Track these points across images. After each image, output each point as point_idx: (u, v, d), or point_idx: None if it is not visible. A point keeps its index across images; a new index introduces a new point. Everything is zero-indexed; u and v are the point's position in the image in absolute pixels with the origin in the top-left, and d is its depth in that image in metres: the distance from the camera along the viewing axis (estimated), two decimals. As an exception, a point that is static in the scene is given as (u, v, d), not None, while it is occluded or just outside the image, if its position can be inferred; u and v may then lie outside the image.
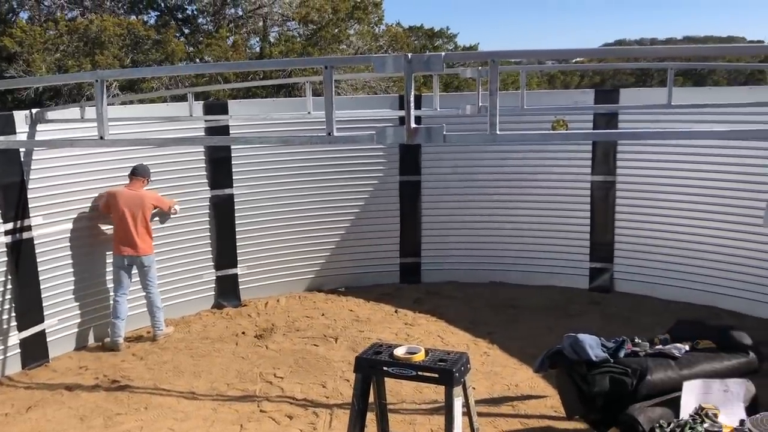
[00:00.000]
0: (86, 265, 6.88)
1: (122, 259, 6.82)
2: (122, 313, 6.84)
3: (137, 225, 6.79)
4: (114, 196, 6.80)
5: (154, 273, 7.01)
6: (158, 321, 7.05)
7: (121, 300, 6.85)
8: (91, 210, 6.87)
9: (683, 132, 3.80)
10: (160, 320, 7.07)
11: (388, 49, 17.21)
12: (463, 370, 3.77)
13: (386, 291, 8.49)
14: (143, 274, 6.94)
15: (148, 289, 6.98)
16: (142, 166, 6.95)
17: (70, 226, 6.72)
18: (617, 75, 32.51)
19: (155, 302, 7.01)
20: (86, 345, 6.95)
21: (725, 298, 7.46)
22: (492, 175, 8.54)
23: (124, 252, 6.79)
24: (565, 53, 4.36)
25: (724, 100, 7.17)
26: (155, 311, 7.02)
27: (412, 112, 2.92)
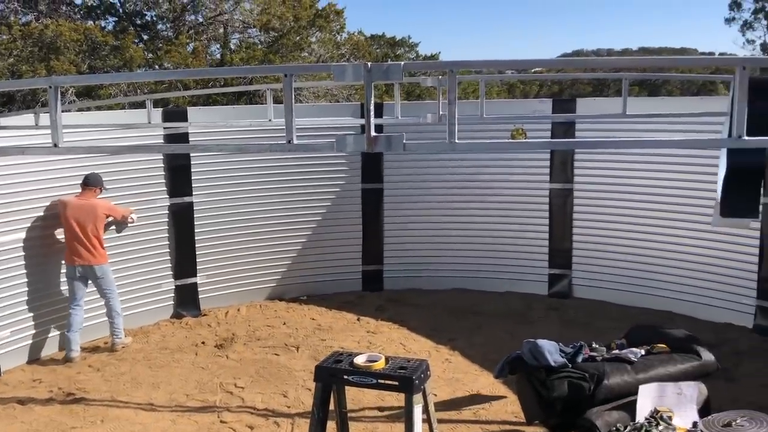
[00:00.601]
0: (40, 275, 6.72)
1: (74, 269, 6.68)
2: (76, 325, 6.68)
3: (88, 235, 6.65)
4: (63, 206, 6.66)
5: (110, 281, 6.88)
6: (117, 328, 6.93)
7: (75, 312, 6.69)
8: (44, 219, 6.71)
9: (637, 141, 3.90)
10: (119, 327, 6.94)
11: (350, 57, 17.25)
12: (423, 377, 3.78)
13: (348, 299, 8.48)
14: (98, 285, 6.82)
15: (107, 296, 6.86)
16: (94, 175, 6.81)
17: (23, 236, 6.56)
18: (575, 85, 33.13)
19: (114, 307, 6.89)
20: (39, 357, 6.77)
21: (679, 302, 7.64)
22: (454, 183, 8.62)
23: (77, 262, 6.65)
24: (522, 63, 4.43)
25: (677, 109, 7.36)
26: (114, 317, 6.90)
27: (372, 121, 2.93)
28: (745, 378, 5.97)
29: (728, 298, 7.31)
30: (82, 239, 6.63)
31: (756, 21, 21.58)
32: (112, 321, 6.91)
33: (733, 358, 6.37)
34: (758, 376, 6.01)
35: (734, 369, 6.12)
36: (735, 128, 2.86)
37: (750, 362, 6.32)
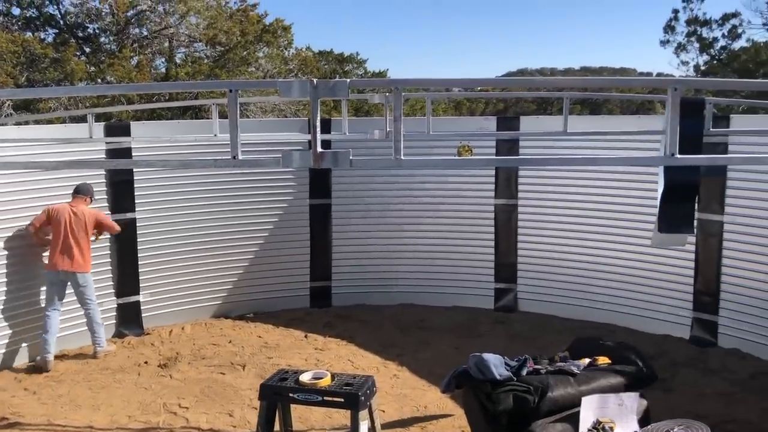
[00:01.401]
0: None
1: (57, 274, 6.77)
2: (53, 328, 6.74)
3: (78, 242, 6.81)
4: (56, 212, 6.80)
5: (91, 291, 6.98)
6: (99, 337, 7.01)
7: (52, 315, 6.76)
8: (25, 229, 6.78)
9: (577, 158, 4.03)
10: (101, 336, 7.04)
11: (298, 72, 17.26)
12: (369, 394, 3.79)
13: (296, 316, 8.41)
14: (80, 293, 6.90)
15: (87, 306, 6.95)
16: (85, 185, 7.01)
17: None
18: (519, 102, 33.85)
19: (95, 318, 6.99)
20: (-28, 381, 6.48)
21: (620, 315, 7.85)
22: (401, 199, 8.68)
23: (60, 267, 6.74)
24: (466, 82, 4.52)
25: (616, 128, 7.62)
26: (96, 327, 6.99)
27: (319, 137, 2.94)
28: (682, 388, 6.17)
29: (666, 310, 7.55)
30: (72, 246, 6.77)
31: (689, 43, 22.48)
32: (93, 331, 7.00)
33: (671, 368, 6.57)
34: (694, 386, 6.21)
35: (672, 379, 6.32)
36: (668, 146, 2.97)
37: (687, 372, 6.53)
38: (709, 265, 7.16)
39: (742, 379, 6.35)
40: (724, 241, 7.03)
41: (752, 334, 6.87)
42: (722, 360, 6.80)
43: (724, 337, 7.11)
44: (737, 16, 21.71)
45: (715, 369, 6.60)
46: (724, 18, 21.91)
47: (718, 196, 6.99)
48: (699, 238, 7.12)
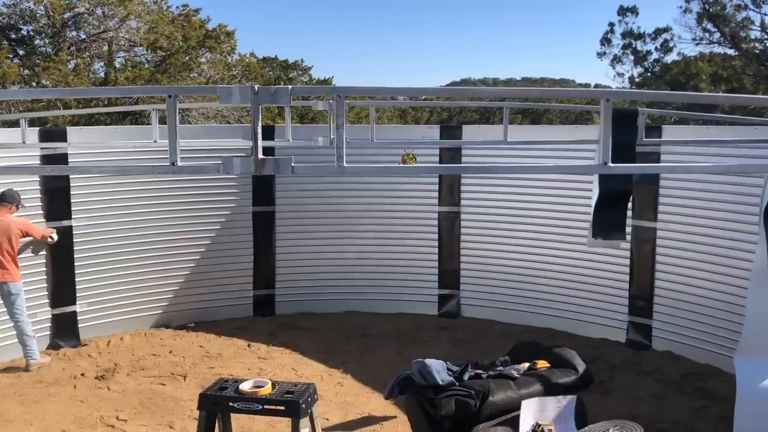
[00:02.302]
0: None
1: None
2: None
3: (2, 251, 6.58)
4: None
5: (21, 302, 6.74)
6: (31, 349, 6.77)
7: None
8: None
9: (516, 167, 4.13)
10: (33, 348, 6.79)
11: (242, 78, 17.11)
12: (310, 401, 3.78)
13: (239, 325, 8.30)
14: (9, 303, 6.67)
15: (16, 317, 6.71)
16: (10, 192, 6.75)
17: None
18: (463, 112, 34.33)
19: (25, 331, 6.74)
20: None
21: (559, 320, 8.04)
22: (346, 206, 8.68)
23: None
24: (409, 91, 4.58)
25: (555, 137, 7.83)
26: (26, 340, 6.75)
27: (260, 143, 2.93)
28: (618, 390, 6.36)
29: (603, 315, 7.77)
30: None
31: (624, 56, 23.27)
32: (24, 344, 6.77)
33: (608, 371, 6.76)
34: (630, 388, 6.41)
35: (609, 382, 6.50)
36: (602, 155, 3.08)
37: (623, 375, 6.73)
38: (643, 270, 7.41)
39: (674, 380, 6.59)
40: (657, 248, 7.29)
41: (684, 336, 7.13)
42: (656, 362, 7.03)
43: (658, 340, 7.36)
44: (669, 31, 22.61)
45: (650, 371, 6.82)
46: (656, 32, 22.78)
47: (651, 204, 7.24)
48: (633, 245, 7.36)
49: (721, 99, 9.73)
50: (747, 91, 20.85)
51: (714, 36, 21.34)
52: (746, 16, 20.95)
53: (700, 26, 21.39)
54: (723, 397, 5.83)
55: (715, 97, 5.70)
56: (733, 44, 21.26)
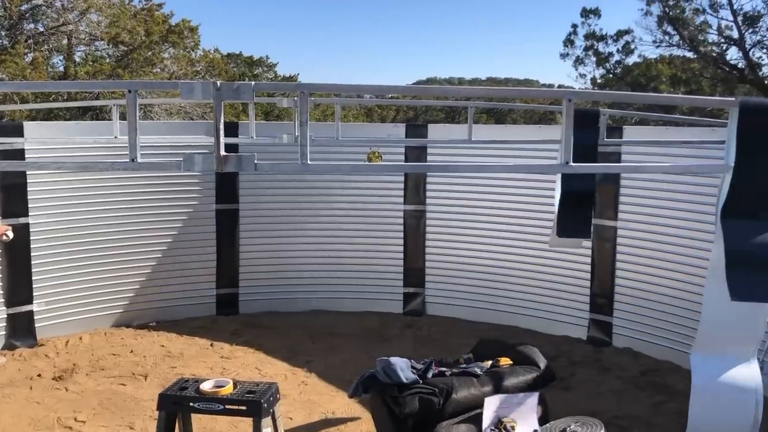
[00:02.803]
0: None
1: None
2: None
3: None
4: None
5: None
6: None
7: None
8: None
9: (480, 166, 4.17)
10: None
11: (206, 74, 16.92)
12: (272, 401, 3.75)
13: (201, 324, 8.20)
14: None
15: None
16: None
17: None
18: (429, 111, 34.47)
19: None
20: None
21: (523, 317, 8.12)
22: (311, 204, 8.64)
23: None
24: (373, 89, 4.57)
25: (518, 137, 7.91)
26: None
27: (222, 140, 2.89)
28: (579, 386, 6.45)
29: (565, 312, 7.88)
30: None
31: (587, 57, 23.61)
32: None
33: (570, 368, 6.86)
34: (591, 384, 6.51)
35: (570, 378, 6.60)
36: (563, 155, 3.12)
37: (584, 371, 6.83)
38: (604, 269, 7.53)
39: (633, 376, 6.71)
40: (617, 246, 7.42)
41: (643, 333, 7.27)
42: (616, 359, 7.15)
43: (618, 337, 7.49)
44: (630, 33, 23.02)
45: (610, 367, 6.94)
46: (618, 34, 23.18)
47: (612, 203, 7.36)
48: (595, 244, 7.47)
49: (678, 100, 9.96)
50: (705, 93, 21.37)
51: (673, 39, 21.82)
52: (704, 20, 21.47)
53: (661, 29, 21.85)
54: (681, 392, 5.96)
55: (673, 98, 5.85)
56: (692, 47, 21.75)
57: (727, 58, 21.90)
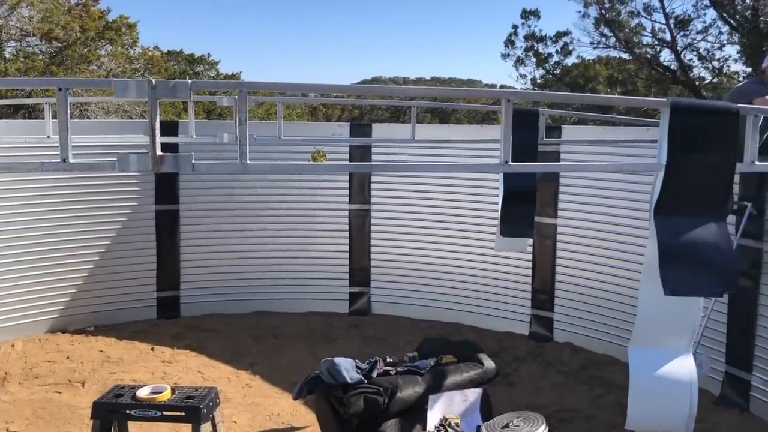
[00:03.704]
0: None
1: None
2: None
3: None
4: None
5: None
6: None
7: None
8: None
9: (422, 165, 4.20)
10: None
11: (145, 72, 16.53)
12: (212, 405, 3.68)
13: (141, 328, 7.99)
14: None
15: None
16: None
17: None
18: (374, 110, 34.50)
19: None
20: None
21: (466, 314, 8.21)
22: (254, 204, 8.52)
23: None
24: (315, 88, 4.54)
25: (461, 136, 7.99)
26: None
27: (158, 139, 2.82)
28: (522, 381, 6.56)
29: (508, 308, 8.00)
30: None
31: (527, 58, 24.05)
32: None
33: (513, 363, 6.97)
34: (533, 379, 6.63)
35: (513, 374, 6.71)
36: (503, 154, 3.15)
37: (526, 367, 6.95)
38: (544, 265, 7.68)
39: (574, 370, 6.87)
40: (557, 243, 7.58)
41: (583, 328, 7.45)
42: (557, 353, 7.31)
43: (559, 332, 7.65)
44: (569, 35, 23.57)
45: (551, 362, 7.08)
46: (557, 35, 23.70)
47: (551, 201, 7.52)
48: (536, 241, 7.61)
49: (614, 101, 10.26)
50: (640, 94, 22.06)
51: (610, 41, 22.43)
52: (639, 22, 22.15)
53: (598, 31, 22.44)
54: (619, 385, 6.12)
55: (609, 98, 6.03)
56: (628, 49, 22.41)
57: (661, 60, 22.68)
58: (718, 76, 22.19)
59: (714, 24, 21.24)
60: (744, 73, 20.94)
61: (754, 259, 5.79)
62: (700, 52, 21.84)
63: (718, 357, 6.10)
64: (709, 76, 22.48)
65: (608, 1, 21.84)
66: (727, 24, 20.97)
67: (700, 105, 3.32)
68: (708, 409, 5.80)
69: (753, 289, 5.82)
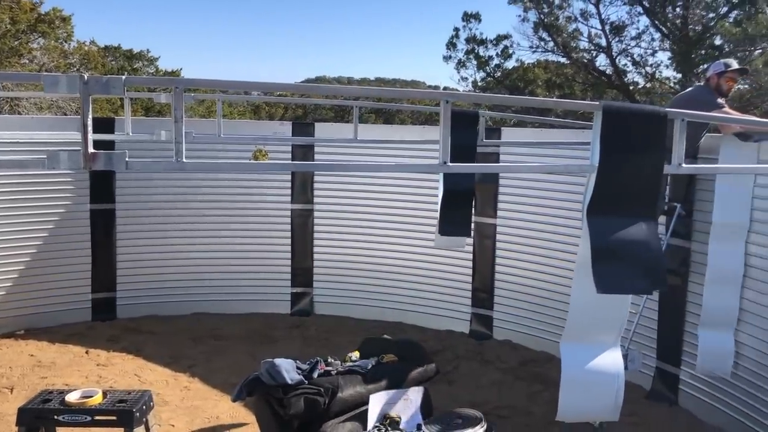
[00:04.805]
0: None
1: None
2: None
3: None
4: None
5: None
6: None
7: None
8: None
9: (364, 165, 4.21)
10: None
11: (81, 67, 16.03)
12: (145, 409, 3.60)
13: (76, 330, 7.75)
14: None
15: None
16: None
17: None
18: (318, 109, 34.32)
19: None
20: None
21: (409, 314, 8.27)
22: (194, 203, 8.38)
23: None
24: (257, 86, 4.48)
25: (403, 137, 8.04)
26: None
27: (90, 136, 2.74)
28: (462, 379, 6.66)
29: (449, 307, 8.10)
30: None
31: (468, 60, 24.33)
32: None
33: (453, 361, 7.06)
34: (473, 377, 6.73)
35: (454, 372, 6.79)
36: (441, 155, 3.19)
37: (467, 364, 7.05)
38: (484, 264, 7.81)
39: (512, 367, 7.01)
40: (497, 242, 7.71)
41: (521, 326, 7.61)
42: (497, 351, 7.44)
43: (498, 330, 7.79)
44: (509, 38, 23.96)
45: (491, 360, 7.20)
46: (498, 39, 24.06)
47: (491, 202, 7.64)
48: (476, 240, 7.73)
49: (549, 103, 10.49)
50: (577, 97, 22.63)
51: (548, 45, 22.92)
52: (576, 27, 22.72)
53: (536, 35, 22.90)
54: (556, 381, 6.20)
55: (544, 101, 6.15)
56: (565, 53, 22.96)
57: (597, 65, 23.32)
58: (650, 81, 22.97)
59: (647, 31, 21.97)
60: (675, 78, 21.75)
61: (683, 257, 6.03)
62: (634, 57, 22.55)
63: (649, 353, 6.33)
64: (643, 81, 23.25)
65: (547, 5, 22.32)
66: (658, 31, 21.72)
67: (631, 109, 3.43)
68: (639, 404, 6.02)
69: (682, 286, 6.06)
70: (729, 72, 5.80)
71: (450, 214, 6.03)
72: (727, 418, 5.62)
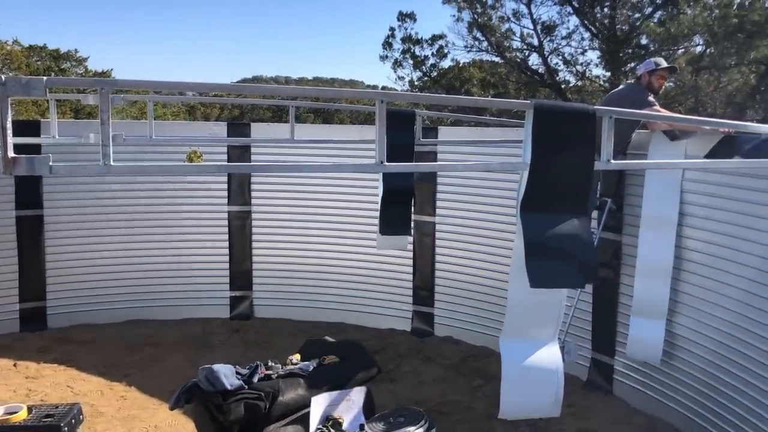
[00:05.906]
0: None
1: None
2: None
3: None
4: None
5: None
6: None
7: None
8: None
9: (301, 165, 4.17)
10: None
11: (3, 68, 15.36)
12: (74, 423, 3.48)
13: (3, 342, 7.40)
14: None
15: None
16: None
17: None
18: (255, 109, 33.91)
19: None
20: None
21: (350, 313, 8.25)
22: (126, 207, 8.13)
23: None
24: (189, 86, 4.36)
25: (342, 137, 8.01)
26: None
27: (10, 140, 2.60)
28: (404, 376, 6.69)
29: (390, 306, 8.12)
30: None
31: (404, 60, 24.51)
32: None
33: (395, 359, 7.09)
34: (415, 374, 6.78)
35: (396, 370, 6.82)
36: (378, 155, 3.19)
37: (408, 362, 7.09)
38: (424, 262, 7.86)
39: (454, 363, 7.08)
40: (436, 240, 7.78)
41: (462, 322, 7.70)
42: (438, 348, 7.50)
43: (440, 327, 7.87)
44: (444, 38, 24.25)
45: (432, 356, 7.26)
46: (433, 38, 24.32)
47: (430, 200, 7.71)
48: (416, 239, 7.78)
49: (480, 102, 10.66)
50: (511, 96, 23.09)
51: (482, 44, 23.31)
52: (509, 27, 23.18)
53: (471, 35, 23.25)
54: (496, 375, 6.30)
55: (476, 100, 6.23)
56: (499, 53, 23.40)
57: (530, 64, 23.85)
58: (581, 80, 23.66)
59: (576, 30, 22.62)
60: (604, 77, 22.45)
61: (615, 250, 6.22)
62: (565, 56, 23.18)
63: (584, 344, 6.50)
64: (574, 79, 23.93)
65: (480, 5, 22.68)
66: (588, 31, 22.39)
67: (561, 107, 3.51)
68: (576, 394, 6.17)
69: (614, 278, 6.25)
70: (659, 70, 6.00)
71: (390, 213, 6.05)
72: (660, 405, 5.83)
